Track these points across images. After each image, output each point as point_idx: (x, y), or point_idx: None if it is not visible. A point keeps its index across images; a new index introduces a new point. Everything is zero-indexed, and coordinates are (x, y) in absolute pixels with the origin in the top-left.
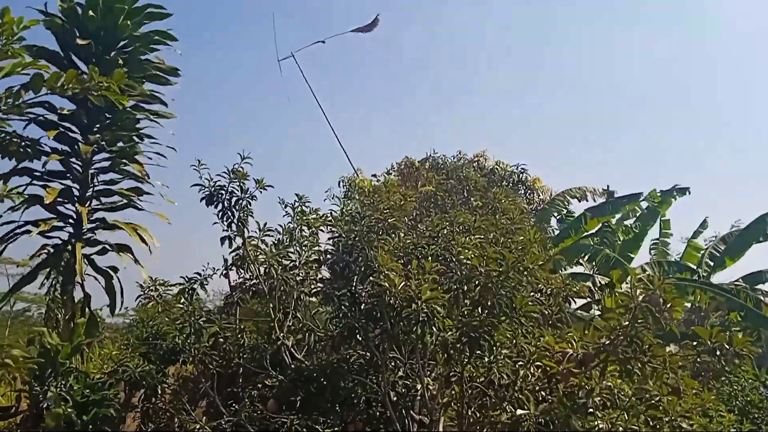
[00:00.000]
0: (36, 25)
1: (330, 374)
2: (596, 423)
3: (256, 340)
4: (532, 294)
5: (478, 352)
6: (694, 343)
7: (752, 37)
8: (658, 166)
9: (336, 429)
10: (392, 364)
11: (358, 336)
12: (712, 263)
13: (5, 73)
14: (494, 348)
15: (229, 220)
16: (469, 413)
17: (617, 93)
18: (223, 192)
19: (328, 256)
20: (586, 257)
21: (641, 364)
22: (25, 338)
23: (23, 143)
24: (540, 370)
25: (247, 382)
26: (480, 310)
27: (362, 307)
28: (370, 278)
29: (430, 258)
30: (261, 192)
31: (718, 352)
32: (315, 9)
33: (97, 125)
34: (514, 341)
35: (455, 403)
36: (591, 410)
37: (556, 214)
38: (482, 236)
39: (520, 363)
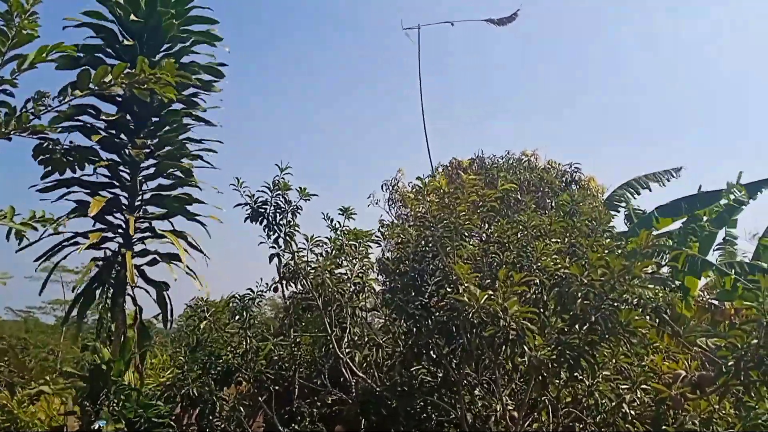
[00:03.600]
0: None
1: (401, 395)
2: None
3: (312, 353)
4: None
5: (576, 374)
6: None
7: None
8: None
9: None
10: (464, 381)
11: (432, 353)
12: None
13: (30, 61)
14: (596, 369)
15: (275, 235)
16: None
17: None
18: (266, 207)
19: (400, 264)
20: (664, 259)
21: None
22: (78, 346)
23: (65, 151)
24: (646, 394)
25: (304, 398)
26: (578, 327)
27: (433, 320)
28: (447, 290)
29: (504, 267)
30: (305, 201)
31: None
32: None
33: (144, 129)
34: (614, 361)
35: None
36: None
37: (622, 209)
38: (559, 240)
39: (625, 386)
